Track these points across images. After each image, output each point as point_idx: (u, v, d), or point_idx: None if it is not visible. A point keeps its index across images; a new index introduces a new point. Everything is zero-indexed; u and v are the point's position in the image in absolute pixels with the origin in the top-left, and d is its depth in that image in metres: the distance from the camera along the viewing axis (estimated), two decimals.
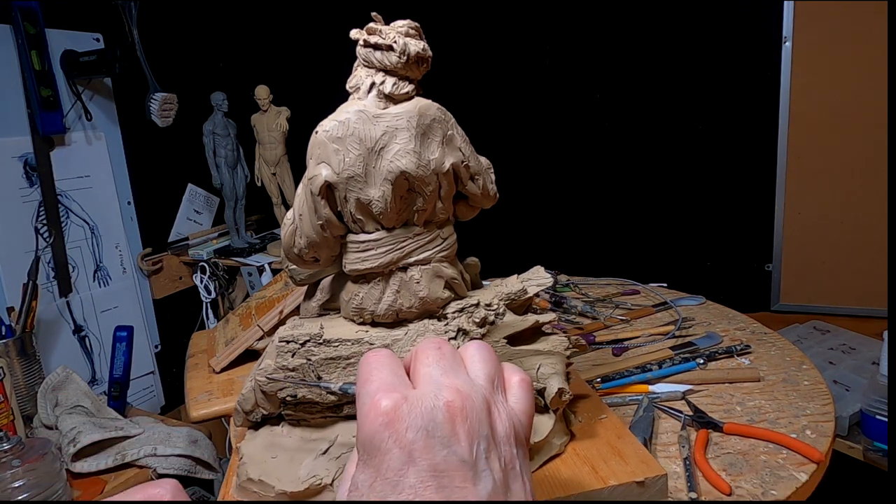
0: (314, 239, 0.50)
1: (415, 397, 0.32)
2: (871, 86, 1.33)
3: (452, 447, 0.31)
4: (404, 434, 0.31)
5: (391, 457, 0.30)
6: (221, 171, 1.70)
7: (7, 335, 1.23)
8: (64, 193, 1.48)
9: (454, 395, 0.32)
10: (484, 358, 0.36)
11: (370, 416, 0.32)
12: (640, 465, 0.50)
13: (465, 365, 0.36)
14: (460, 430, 0.31)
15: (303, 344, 0.51)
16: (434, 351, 0.35)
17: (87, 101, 1.51)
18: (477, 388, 0.34)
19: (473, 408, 0.32)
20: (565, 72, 1.72)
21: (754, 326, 0.99)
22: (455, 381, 0.33)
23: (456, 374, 0.34)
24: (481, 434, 0.32)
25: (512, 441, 0.34)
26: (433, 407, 0.32)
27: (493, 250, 1.00)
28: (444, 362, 0.35)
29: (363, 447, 0.32)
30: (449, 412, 0.32)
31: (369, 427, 0.31)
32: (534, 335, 0.57)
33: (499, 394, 0.35)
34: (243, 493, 0.50)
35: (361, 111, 0.47)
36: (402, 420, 0.31)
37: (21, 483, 0.98)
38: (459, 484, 0.30)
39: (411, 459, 0.30)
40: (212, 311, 1.78)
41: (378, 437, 0.31)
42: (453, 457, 0.31)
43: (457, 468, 0.31)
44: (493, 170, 0.56)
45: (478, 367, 0.36)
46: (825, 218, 1.44)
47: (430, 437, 0.31)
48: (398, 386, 0.33)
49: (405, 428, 0.31)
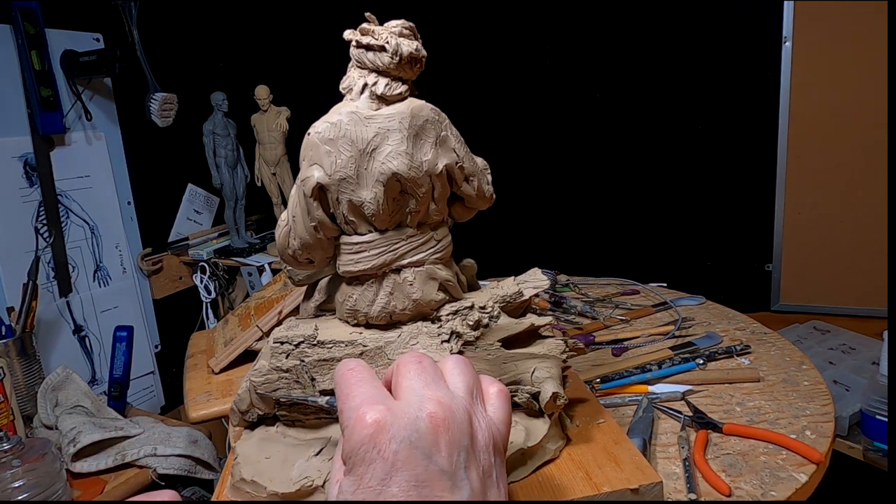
0: (308, 240, 0.50)
1: (398, 409, 0.33)
2: (871, 86, 1.33)
3: (433, 458, 0.32)
4: (388, 445, 0.32)
5: (374, 467, 0.32)
6: (221, 171, 1.70)
7: (7, 335, 1.24)
8: (64, 193, 1.49)
9: (436, 407, 0.33)
10: (462, 371, 0.38)
11: (356, 428, 0.33)
12: (636, 472, 0.49)
13: (445, 378, 0.37)
14: (442, 441, 0.33)
15: (297, 345, 0.51)
16: (415, 364, 0.37)
17: (87, 101, 1.52)
18: (458, 400, 0.35)
19: (455, 419, 0.34)
20: (565, 72, 1.71)
21: (754, 326, 0.98)
22: (437, 393, 0.34)
23: (437, 386, 0.35)
24: (462, 445, 0.33)
25: (490, 450, 0.35)
26: (416, 418, 0.33)
27: (492, 251, 1.00)
28: (425, 375, 0.36)
29: (349, 458, 0.33)
30: (432, 423, 0.33)
31: (355, 439, 0.32)
32: (530, 338, 0.57)
33: (478, 404, 0.36)
34: (236, 493, 0.50)
35: (353, 112, 0.47)
36: (387, 431, 0.32)
37: (21, 483, 0.98)
38: (439, 493, 0.32)
39: (394, 470, 0.31)
40: (212, 312, 1.78)
41: (363, 448, 0.32)
42: (434, 467, 0.32)
43: (437, 478, 0.32)
44: (491, 170, 0.55)
45: (457, 380, 0.37)
46: (825, 218, 1.44)
47: (412, 448, 0.32)
48: (381, 399, 0.34)
49: (389, 439, 0.32)
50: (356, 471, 0.32)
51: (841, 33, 1.34)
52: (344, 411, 0.34)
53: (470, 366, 0.38)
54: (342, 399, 0.35)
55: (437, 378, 0.36)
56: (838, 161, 1.40)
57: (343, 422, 0.34)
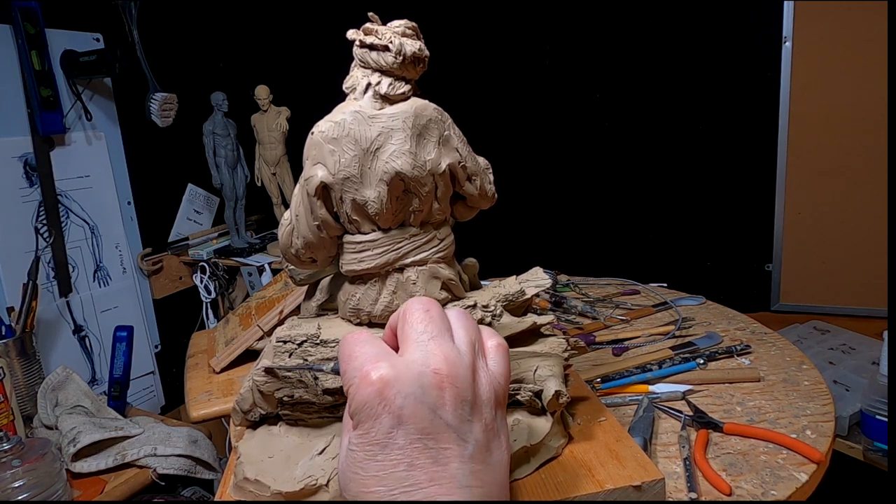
0: (311, 240, 0.50)
1: (403, 364, 0.34)
2: (871, 86, 1.33)
3: (438, 412, 0.33)
4: (393, 400, 0.32)
5: (381, 421, 0.32)
6: (221, 171, 1.70)
7: (7, 335, 1.23)
8: (64, 193, 1.49)
9: (441, 363, 0.34)
10: (464, 324, 0.38)
11: (361, 386, 0.33)
12: (638, 469, 0.49)
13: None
14: (447, 395, 0.33)
15: (300, 344, 0.51)
16: (423, 314, 0.37)
17: (87, 101, 1.51)
18: (462, 355, 0.35)
19: (458, 374, 0.34)
20: (565, 72, 1.71)
21: (754, 326, 0.99)
22: (443, 348, 0.35)
23: (443, 339, 0.36)
24: (466, 399, 0.34)
25: (493, 404, 0.35)
26: (421, 374, 0.33)
27: (493, 250, 1.00)
28: (432, 326, 0.36)
29: (355, 414, 0.33)
30: (437, 379, 0.33)
31: (361, 396, 0.33)
32: (532, 337, 0.57)
33: (480, 358, 0.37)
34: (239, 492, 0.50)
35: (357, 112, 0.47)
36: (392, 387, 0.33)
37: (21, 483, 0.98)
38: (445, 445, 0.32)
39: (400, 423, 0.32)
40: (212, 311, 1.78)
41: (369, 404, 0.33)
42: (439, 420, 0.33)
43: (442, 430, 0.33)
44: (492, 170, 0.56)
45: (460, 333, 0.37)
46: (825, 218, 1.44)
47: (418, 403, 0.32)
48: (384, 356, 0.35)
49: (395, 394, 0.33)
50: (363, 426, 0.33)
51: (841, 33, 1.34)
52: (347, 371, 0.35)
53: (471, 318, 0.39)
54: (345, 360, 0.36)
55: (444, 330, 0.36)
56: (838, 161, 1.40)
57: (347, 381, 0.35)
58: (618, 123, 1.68)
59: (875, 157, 1.36)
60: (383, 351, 0.35)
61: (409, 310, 0.37)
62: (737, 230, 1.58)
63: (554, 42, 1.71)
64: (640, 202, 1.70)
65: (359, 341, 0.36)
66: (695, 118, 1.57)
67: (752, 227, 1.54)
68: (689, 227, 1.64)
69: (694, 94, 1.56)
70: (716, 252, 1.62)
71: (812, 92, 1.40)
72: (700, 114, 1.56)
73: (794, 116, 1.43)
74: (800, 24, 1.38)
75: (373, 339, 0.37)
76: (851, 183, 1.40)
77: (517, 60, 1.76)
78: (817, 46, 1.37)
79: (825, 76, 1.38)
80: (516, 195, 1.59)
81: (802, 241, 1.48)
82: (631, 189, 1.71)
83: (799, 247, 1.49)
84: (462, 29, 1.77)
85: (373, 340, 0.36)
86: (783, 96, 1.43)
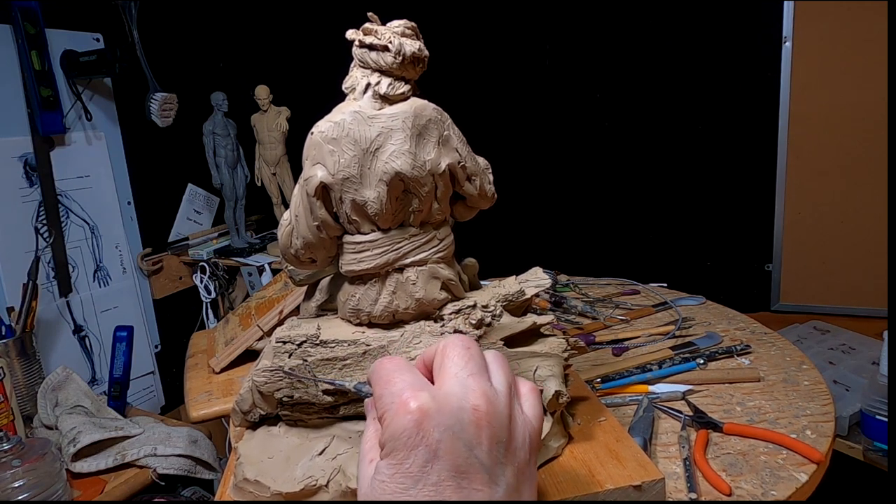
0: (310, 240, 0.50)
1: (442, 397, 0.33)
2: (871, 86, 1.33)
3: (474, 450, 0.32)
4: (431, 433, 0.32)
5: (416, 453, 0.32)
6: (221, 171, 1.70)
7: (7, 335, 1.23)
8: (64, 193, 1.49)
9: (481, 400, 0.33)
10: (501, 366, 0.37)
11: (399, 413, 0.33)
12: (638, 469, 0.49)
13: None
14: (484, 434, 0.33)
15: (299, 345, 0.51)
16: (463, 350, 0.36)
17: (87, 101, 1.51)
18: (500, 395, 0.35)
19: (496, 414, 0.33)
20: (565, 72, 1.71)
21: (754, 326, 0.99)
22: (482, 386, 0.34)
23: (482, 377, 0.35)
24: (501, 440, 0.33)
25: (526, 447, 0.35)
26: (460, 409, 0.33)
27: (492, 250, 1.00)
28: (471, 364, 0.35)
29: (389, 441, 0.33)
30: (475, 416, 0.33)
31: (397, 424, 0.32)
32: (532, 337, 0.57)
33: (516, 402, 0.36)
34: (239, 493, 0.50)
35: (357, 112, 0.47)
36: (431, 418, 0.32)
37: (21, 483, 0.98)
38: (477, 486, 0.32)
39: (436, 457, 0.31)
40: (212, 311, 1.78)
41: (407, 433, 0.32)
42: (474, 459, 0.32)
43: (476, 470, 0.32)
44: (492, 170, 0.56)
45: (498, 375, 0.37)
46: (825, 218, 1.44)
47: (455, 438, 0.32)
48: (422, 386, 0.34)
49: (433, 426, 0.32)
50: (396, 455, 0.32)
51: (841, 33, 1.34)
52: (384, 396, 0.34)
53: (507, 361, 0.38)
54: (381, 384, 0.35)
55: (482, 368, 0.36)
56: (838, 161, 1.40)
57: (382, 406, 0.34)
58: (618, 123, 1.68)
59: (875, 157, 1.36)
60: (421, 381, 0.35)
61: (450, 345, 0.37)
62: (737, 230, 1.58)
63: (554, 42, 1.71)
64: (640, 202, 1.70)
65: (397, 368, 0.36)
66: (695, 118, 1.57)
67: (751, 227, 1.54)
68: (689, 227, 1.64)
69: (694, 94, 1.56)
70: (716, 252, 1.62)
71: (812, 92, 1.40)
72: (700, 114, 1.56)
73: (794, 116, 1.43)
74: (800, 24, 1.38)
75: (410, 367, 0.36)
76: (851, 183, 1.40)
77: (517, 60, 1.76)
78: (817, 46, 1.37)
79: (825, 76, 1.38)
80: (516, 195, 1.59)
81: (802, 241, 1.48)
82: (631, 189, 1.71)
83: (799, 247, 1.49)
84: (462, 29, 1.77)
85: (410, 368, 0.36)
86: (783, 96, 1.43)
